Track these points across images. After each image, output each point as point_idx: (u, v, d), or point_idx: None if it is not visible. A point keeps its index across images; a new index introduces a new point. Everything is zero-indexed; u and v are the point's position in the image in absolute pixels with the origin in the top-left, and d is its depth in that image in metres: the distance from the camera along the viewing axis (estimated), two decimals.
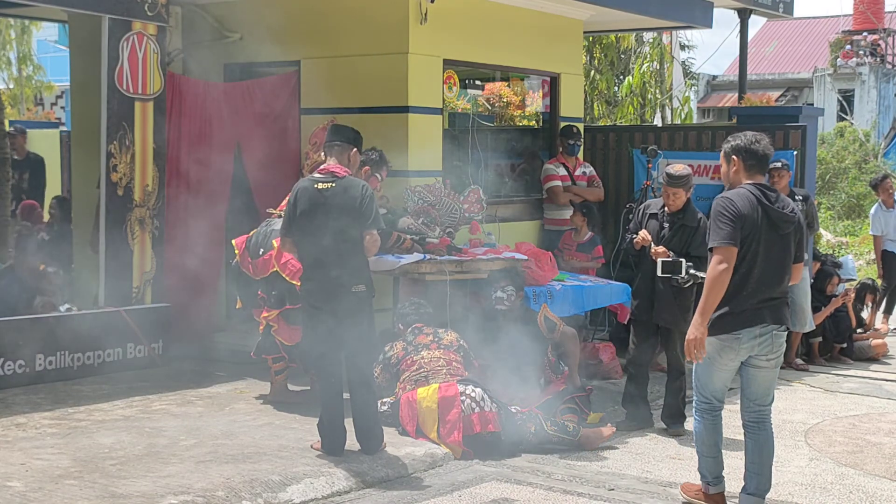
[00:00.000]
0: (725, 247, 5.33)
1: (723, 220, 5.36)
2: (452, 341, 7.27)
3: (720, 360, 5.53)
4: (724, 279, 5.33)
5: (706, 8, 11.73)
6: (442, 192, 8.56)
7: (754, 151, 5.53)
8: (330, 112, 9.13)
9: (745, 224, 5.35)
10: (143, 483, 5.66)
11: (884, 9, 32.48)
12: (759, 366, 5.56)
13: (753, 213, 5.38)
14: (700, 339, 5.38)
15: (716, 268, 5.33)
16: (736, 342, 5.45)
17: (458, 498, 5.87)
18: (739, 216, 5.35)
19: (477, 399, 6.68)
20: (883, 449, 7.14)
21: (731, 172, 5.60)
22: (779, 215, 5.44)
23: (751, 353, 5.51)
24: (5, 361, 7.80)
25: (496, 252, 8.46)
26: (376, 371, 7.21)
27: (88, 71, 9.43)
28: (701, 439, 5.69)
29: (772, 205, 5.44)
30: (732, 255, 5.34)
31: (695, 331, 5.40)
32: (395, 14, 9.08)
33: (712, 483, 5.67)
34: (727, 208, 5.38)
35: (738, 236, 5.34)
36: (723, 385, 5.64)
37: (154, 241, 8.86)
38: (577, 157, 10.52)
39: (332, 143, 6.48)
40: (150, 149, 8.80)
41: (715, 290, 5.34)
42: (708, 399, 5.66)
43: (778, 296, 5.52)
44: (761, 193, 5.45)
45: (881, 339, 10.66)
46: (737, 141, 5.57)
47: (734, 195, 5.45)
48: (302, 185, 6.41)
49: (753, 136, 5.58)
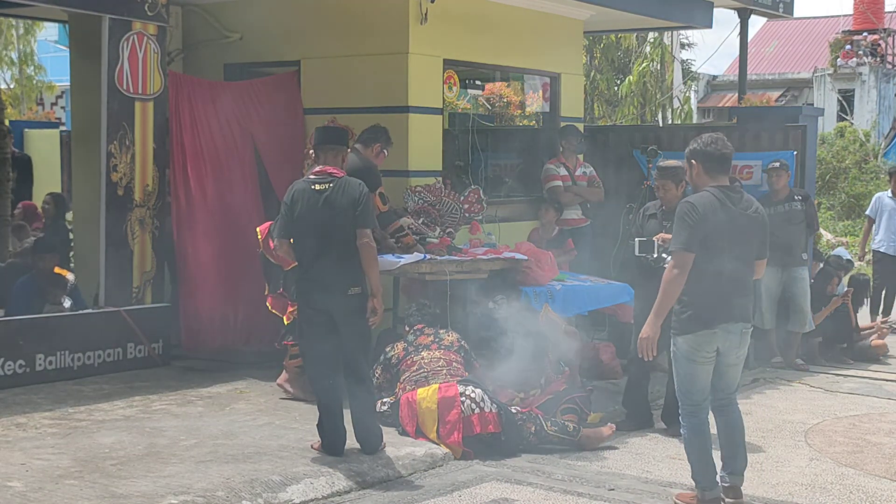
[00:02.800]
0: (682, 253, 5.49)
1: (682, 226, 5.51)
2: (453, 342, 7.27)
3: (700, 355, 5.61)
4: (678, 283, 5.49)
5: (706, 8, 11.73)
6: (442, 192, 8.57)
7: (710, 153, 5.63)
8: (330, 112, 9.14)
9: (708, 227, 5.47)
10: (143, 483, 5.66)
11: (884, 9, 32.48)
12: (729, 363, 5.71)
13: (717, 215, 5.50)
14: (653, 338, 5.58)
15: (671, 272, 5.52)
16: (713, 337, 5.57)
17: (458, 498, 5.87)
18: (701, 221, 5.47)
19: (477, 400, 6.68)
20: (883, 449, 7.14)
21: (693, 176, 5.74)
22: (743, 216, 5.58)
23: (723, 349, 5.63)
24: (5, 361, 7.80)
25: (496, 252, 8.46)
26: (377, 371, 7.22)
27: (88, 71, 9.44)
28: (692, 446, 5.71)
29: (735, 206, 5.57)
30: (688, 261, 5.47)
31: (648, 329, 5.59)
32: (395, 14, 9.08)
33: (707, 488, 5.68)
34: (689, 214, 5.50)
35: (695, 242, 5.47)
36: (706, 383, 5.71)
37: (154, 241, 8.86)
38: (578, 157, 10.51)
39: (326, 147, 6.49)
40: (150, 149, 8.80)
41: (669, 294, 5.53)
42: (695, 402, 5.69)
43: (746, 293, 5.68)
44: (724, 196, 5.56)
45: (881, 340, 10.65)
46: (694, 145, 5.70)
47: (697, 199, 5.56)
48: (298, 186, 6.40)
49: (710, 137, 5.69)
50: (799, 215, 9.74)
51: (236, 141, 9.23)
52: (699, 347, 5.58)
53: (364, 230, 6.23)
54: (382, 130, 8.27)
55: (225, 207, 9.01)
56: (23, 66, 23.51)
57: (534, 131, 11.38)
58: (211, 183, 9.00)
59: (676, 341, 5.65)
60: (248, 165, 9.27)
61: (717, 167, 5.65)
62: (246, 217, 9.07)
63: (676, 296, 5.53)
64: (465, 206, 8.64)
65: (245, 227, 8.99)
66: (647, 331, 5.61)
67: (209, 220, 8.95)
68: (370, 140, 8.12)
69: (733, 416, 5.80)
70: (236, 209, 9.08)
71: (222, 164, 9.10)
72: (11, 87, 23.23)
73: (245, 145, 9.28)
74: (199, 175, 8.96)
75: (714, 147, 5.63)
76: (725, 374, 5.73)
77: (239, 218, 9.06)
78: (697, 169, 5.68)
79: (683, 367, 5.66)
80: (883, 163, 25.07)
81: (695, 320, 5.55)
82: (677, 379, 5.76)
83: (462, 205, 8.61)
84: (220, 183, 9.05)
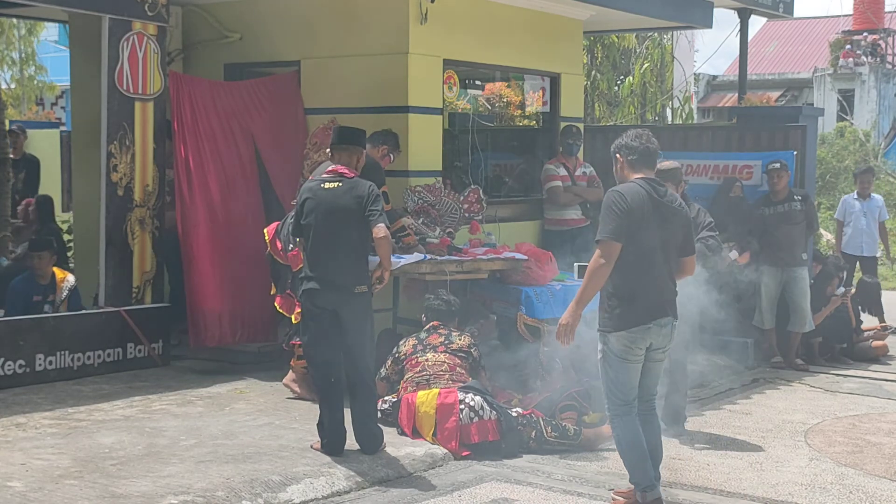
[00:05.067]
0: (608, 241, 5.48)
1: (610, 215, 5.51)
2: (463, 346, 7.25)
3: (632, 352, 5.59)
4: (602, 273, 5.47)
5: (706, 8, 11.73)
6: (442, 192, 8.57)
7: (633, 147, 5.69)
8: (330, 112, 9.14)
9: (634, 217, 5.49)
10: (143, 483, 5.67)
11: (884, 9, 32.47)
12: (656, 358, 5.72)
13: (643, 206, 5.53)
14: (572, 326, 5.53)
15: (596, 261, 5.48)
16: (647, 332, 5.57)
17: (458, 498, 5.88)
18: (628, 211, 5.48)
19: (476, 408, 6.67)
20: (883, 449, 7.14)
21: (618, 169, 5.78)
22: (668, 208, 5.62)
23: (655, 345, 5.64)
24: (5, 361, 7.80)
25: (496, 252, 8.46)
26: (388, 363, 7.23)
27: (88, 71, 9.44)
28: (626, 444, 5.63)
29: (661, 199, 5.61)
30: (614, 250, 5.46)
31: (568, 317, 5.54)
32: (395, 14, 9.08)
33: (648, 489, 5.59)
34: (616, 203, 5.50)
35: (623, 232, 5.47)
36: (636, 380, 5.68)
37: (154, 241, 8.86)
38: (578, 157, 10.50)
39: (342, 147, 6.49)
40: (150, 149, 8.80)
41: (593, 282, 5.50)
42: (625, 399, 5.63)
43: (673, 287, 5.71)
44: (650, 188, 5.60)
45: (881, 341, 10.65)
46: (618, 140, 5.78)
47: (625, 189, 5.59)
48: (309, 185, 6.48)
49: (634, 132, 5.78)
50: (799, 215, 9.74)
51: (236, 141, 9.22)
52: (633, 344, 5.56)
53: (379, 226, 6.24)
54: (393, 136, 8.38)
55: (226, 207, 9.00)
56: (24, 67, 23.52)
57: (534, 131, 11.38)
58: (212, 183, 8.99)
59: (608, 339, 5.59)
60: (249, 165, 9.27)
61: (640, 160, 5.68)
62: (247, 217, 9.06)
63: (601, 285, 5.52)
64: (465, 206, 8.64)
65: (246, 227, 8.99)
66: (566, 318, 5.54)
67: (211, 220, 8.93)
68: (379, 141, 8.21)
69: (654, 423, 5.80)
70: (237, 209, 9.07)
71: (223, 164, 9.09)
72: (12, 88, 23.23)
73: (245, 145, 9.27)
74: (201, 175, 8.95)
75: (639, 141, 5.70)
76: (651, 371, 5.73)
77: (240, 218, 9.05)
78: (621, 162, 5.73)
79: (615, 365, 5.60)
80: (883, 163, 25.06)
81: (629, 316, 5.52)
82: (606, 379, 5.66)
83: (462, 205, 8.61)
84: (220, 183, 9.03)
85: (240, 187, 9.14)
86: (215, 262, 8.88)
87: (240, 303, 8.98)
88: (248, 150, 9.30)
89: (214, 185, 8.96)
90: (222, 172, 9.05)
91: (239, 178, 9.17)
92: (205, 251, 8.82)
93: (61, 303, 8.55)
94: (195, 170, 8.83)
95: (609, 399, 5.66)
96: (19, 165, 12.22)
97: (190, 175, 8.82)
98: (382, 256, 6.28)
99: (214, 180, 8.97)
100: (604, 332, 5.60)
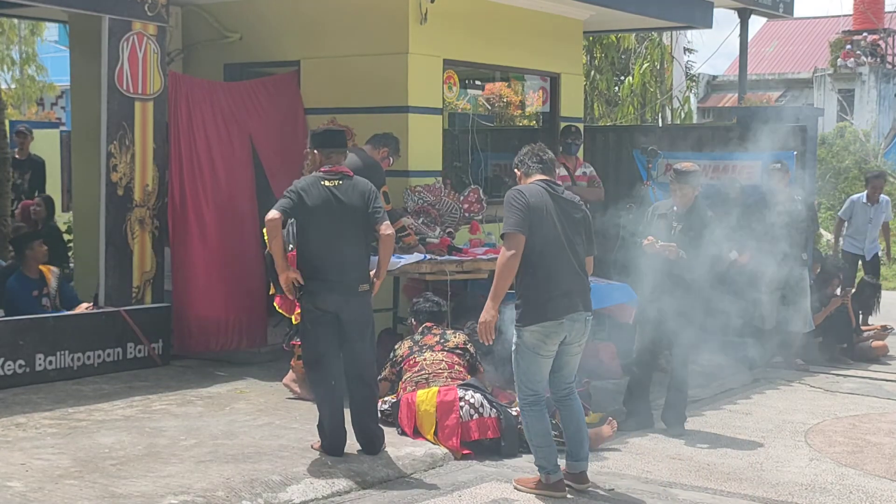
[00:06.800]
0: (513, 234, 5.69)
1: (511, 210, 5.72)
2: (459, 344, 7.25)
3: (545, 347, 5.77)
4: (511, 265, 5.67)
5: (706, 8, 11.73)
6: (442, 192, 8.57)
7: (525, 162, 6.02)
8: (330, 112, 9.15)
9: (535, 211, 5.72)
10: (143, 483, 5.66)
11: (884, 9, 32.44)
12: (572, 352, 5.91)
13: (542, 200, 5.77)
14: (491, 323, 5.71)
15: (504, 254, 5.69)
16: (560, 327, 5.73)
17: (458, 498, 5.87)
18: (528, 206, 5.71)
19: (476, 405, 6.68)
20: (883, 449, 7.14)
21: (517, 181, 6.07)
22: (566, 202, 5.88)
23: (569, 339, 5.80)
24: (5, 361, 7.80)
25: (496, 252, 8.45)
26: (386, 366, 7.22)
27: (88, 71, 9.44)
28: (535, 432, 5.90)
29: (559, 194, 5.88)
30: (520, 242, 5.66)
31: (486, 315, 5.72)
32: (395, 14, 9.09)
33: (552, 472, 5.87)
34: (516, 199, 5.75)
35: (526, 224, 5.67)
36: (547, 373, 5.89)
37: (154, 241, 8.86)
38: (577, 157, 10.50)
39: (330, 151, 6.43)
40: (150, 149, 8.80)
41: (504, 276, 5.70)
42: (535, 391, 5.87)
43: (585, 283, 5.90)
44: (547, 185, 5.88)
45: (882, 341, 10.65)
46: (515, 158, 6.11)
47: (523, 187, 5.89)
48: (306, 182, 6.28)
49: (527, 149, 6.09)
50: (799, 216, 9.74)
51: (233, 143, 9.22)
52: (546, 339, 5.74)
53: (386, 223, 6.24)
54: (394, 139, 8.43)
55: (218, 212, 8.99)
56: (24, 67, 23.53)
57: (533, 131, 11.38)
58: (210, 183, 8.99)
59: (522, 334, 5.78)
60: (248, 166, 9.27)
61: (535, 169, 5.96)
62: (241, 223, 9.05)
63: (511, 278, 5.71)
64: (465, 205, 8.65)
65: (243, 227, 8.98)
66: (485, 315, 5.73)
67: (203, 224, 8.92)
68: (380, 143, 8.29)
69: (575, 406, 6.00)
70: (230, 214, 9.07)
71: (222, 164, 9.09)
72: (12, 88, 23.23)
73: (242, 147, 9.28)
74: (199, 175, 8.95)
75: (530, 156, 6.01)
76: (567, 365, 5.94)
77: (233, 223, 9.05)
78: (519, 175, 6.03)
79: (527, 359, 5.81)
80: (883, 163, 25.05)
81: (541, 312, 5.69)
82: (518, 370, 5.88)
83: (462, 205, 8.62)
84: (218, 183, 9.04)
85: (234, 191, 9.13)
86: (208, 267, 8.87)
87: (234, 309, 8.98)
88: (245, 152, 9.29)
89: (208, 188, 8.95)
90: (219, 174, 9.04)
91: (237, 179, 9.17)
92: (197, 256, 8.82)
93: (55, 293, 8.57)
94: (187, 173, 8.82)
95: (519, 390, 5.91)
96: (24, 166, 12.24)
97: (182, 178, 8.81)
98: (384, 255, 6.27)
99: (209, 183, 8.96)
100: (518, 327, 5.80)
